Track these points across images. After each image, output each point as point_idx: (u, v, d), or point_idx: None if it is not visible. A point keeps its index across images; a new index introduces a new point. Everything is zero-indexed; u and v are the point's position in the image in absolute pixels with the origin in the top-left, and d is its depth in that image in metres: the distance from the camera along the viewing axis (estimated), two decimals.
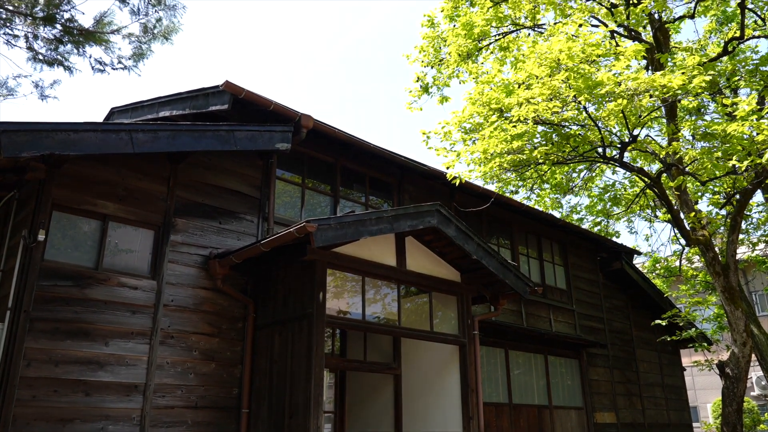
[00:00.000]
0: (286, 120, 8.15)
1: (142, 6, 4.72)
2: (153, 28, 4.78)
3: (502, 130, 8.12)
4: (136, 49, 4.80)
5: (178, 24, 4.91)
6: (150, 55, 5.06)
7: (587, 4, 10.67)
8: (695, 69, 8.07)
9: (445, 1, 11.52)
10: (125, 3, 4.68)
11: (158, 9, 4.75)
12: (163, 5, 4.77)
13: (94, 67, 4.87)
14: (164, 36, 4.86)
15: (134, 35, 4.74)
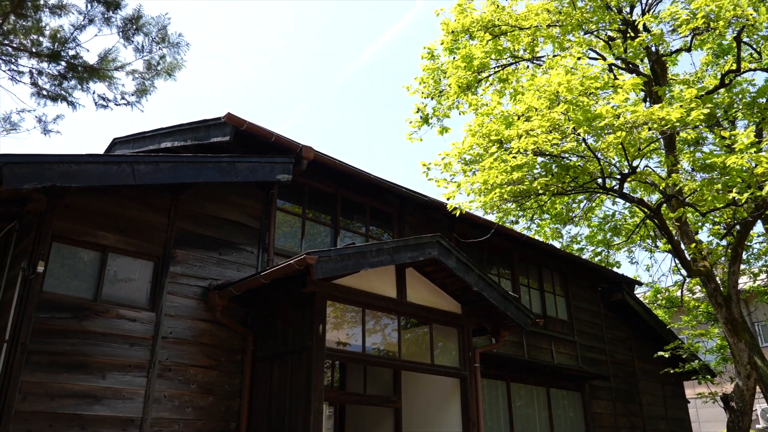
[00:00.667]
0: (287, 151, 8.19)
1: (147, 44, 4.79)
2: (156, 65, 4.85)
3: (502, 161, 8.16)
4: (140, 85, 4.86)
5: (182, 61, 4.98)
6: (153, 91, 5.12)
7: (585, 37, 10.82)
8: (693, 102, 8.14)
9: (445, 33, 11.70)
10: (130, 41, 4.75)
11: (162, 47, 4.82)
12: (167, 43, 4.84)
13: (97, 103, 4.93)
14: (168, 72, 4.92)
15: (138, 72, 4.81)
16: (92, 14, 4.67)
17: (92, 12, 4.66)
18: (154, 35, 4.79)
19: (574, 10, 10.63)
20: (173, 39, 4.83)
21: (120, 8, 4.70)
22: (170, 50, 4.80)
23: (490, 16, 11.41)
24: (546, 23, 11.06)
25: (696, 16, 8.48)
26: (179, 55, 4.87)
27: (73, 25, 4.68)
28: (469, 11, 11.40)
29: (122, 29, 4.65)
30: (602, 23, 10.64)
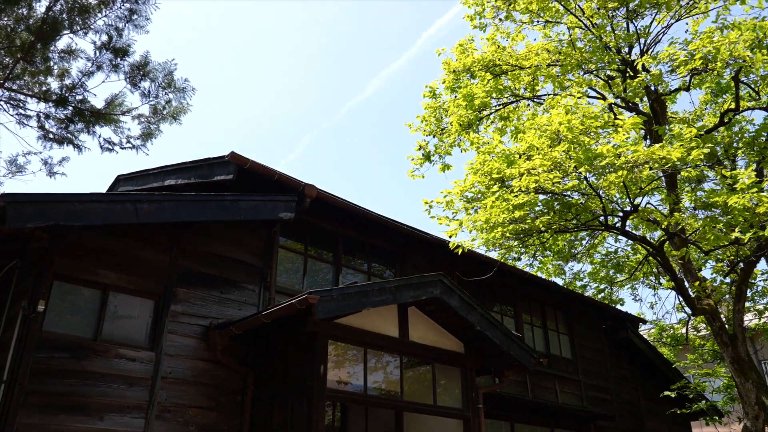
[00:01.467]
0: (290, 189, 8.23)
1: (153, 89, 4.88)
2: (162, 109, 4.92)
3: (504, 199, 8.18)
4: (145, 129, 4.92)
5: (187, 105, 5.05)
6: (158, 135, 5.17)
7: (585, 77, 10.97)
8: (693, 141, 8.19)
9: (447, 72, 11.86)
10: (137, 87, 4.84)
11: (168, 91, 4.90)
12: (173, 88, 4.92)
13: (103, 146, 4.99)
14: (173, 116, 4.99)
15: (144, 116, 4.88)
16: (101, 60, 4.77)
17: (101, 58, 4.76)
18: (161, 80, 4.88)
19: (574, 51, 10.80)
20: (179, 84, 4.93)
21: (128, 55, 4.80)
22: (176, 95, 4.89)
23: (491, 56, 11.59)
24: (546, 63, 11.23)
25: (694, 58, 8.60)
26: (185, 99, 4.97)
27: (82, 71, 4.77)
28: (470, 51, 11.58)
29: (129, 75, 4.74)
30: (601, 63, 10.80)
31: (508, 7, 11.30)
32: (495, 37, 11.69)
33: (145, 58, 4.84)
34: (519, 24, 11.94)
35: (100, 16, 4.72)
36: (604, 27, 11.18)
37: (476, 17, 11.51)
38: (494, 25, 11.66)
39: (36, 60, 4.62)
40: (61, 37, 4.66)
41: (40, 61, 4.69)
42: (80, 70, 4.74)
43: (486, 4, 11.45)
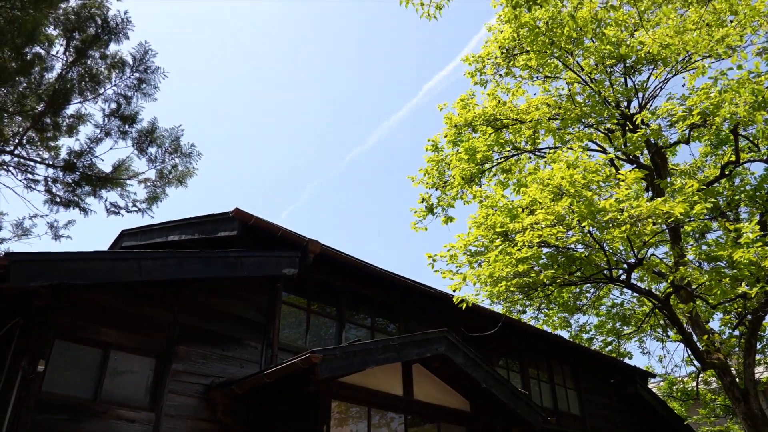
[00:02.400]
0: (293, 245, 8.24)
1: (160, 154, 4.97)
2: (169, 173, 5.01)
3: (507, 253, 8.16)
4: (151, 193, 4.99)
5: (193, 169, 5.13)
6: (164, 198, 5.25)
7: (585, 131, 11.12)
8: (695, 195, 8.23)
9: (449, 127, 12.03)
10: (144, 153, 4.93)
11: (175, 156, 5.00)
12: (180, 153, 5.02)
13: (108, 210, 5.04)
14: (179, 180, 5.07)
15: (150, 180, 4.96)
16: (109, 127, 4.88)
17: (109, 125, 4.87)
18: (168, 146, 4.98)
19: (573, 105, 10.99)
20: (186, 149, 5.03)
21: (136, 122, 4.92)
22: (182, 160, 4.98)
23: (492, 110, 11.79)
24: (546, 116, 11.40)
25: (692, 113, 8.72)
26: (191, 164, 5.05)
27: (90, 138, 4.88)
28: (471, 106, 11.78)
29: (137, 141, 4.85)
30: (601, 117, 10.96)
31: (507, 64, 11.55)
32: (495, 93, 11.91)
33: (152, 125, 4.95)
34: (519, 79, 12.19)
35: (109, 85, 4.86)
36: (602, 82, 11.40)
37: (477, 74, 11.77)
38: (494, 81, 11.90)
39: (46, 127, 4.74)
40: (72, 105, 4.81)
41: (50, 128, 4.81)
42: (89, 137, 4.85)
43: (486, 61, 11.72)
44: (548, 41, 10.56)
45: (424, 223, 12.18)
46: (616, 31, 10.55)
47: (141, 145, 4.84)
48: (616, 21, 10.13)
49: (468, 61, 11.80)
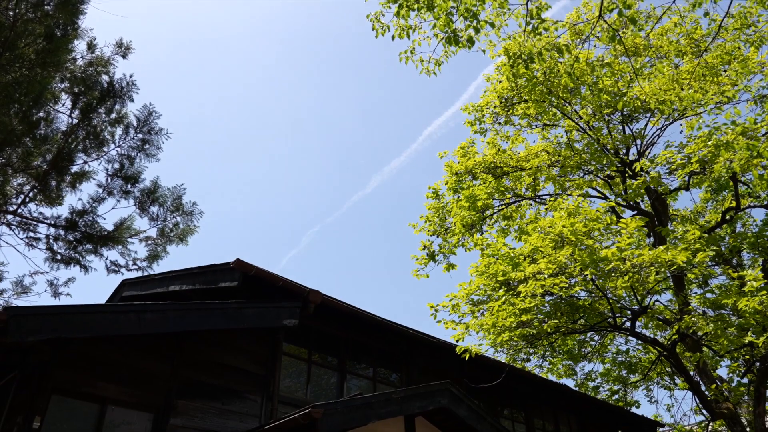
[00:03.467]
0: (294, 295, 8.18)
1: (161, 213, 5.01)
2: (170, 231, 5.03)
3: (511, 304, 8.10)
4: (152, 251, 5.01)
5: (195, 227, 5.17)
6: (165, 257, 5.26)
7: (584, 178, 11.19)
8: (697, 242, 8.21)
9: (449, 174, 12.13)
10: (145, 211, 4.98)
11: (176, 215, 5.03)
12: (181, 212, 5.06)
13: (109, 268, 5.06)
14: (180, 238, 5.09)
15: (151, 238, 4.99)
16: (112, 186, 4.94)
17: (112, 185, 4.94)
18: (169, 204, 5.03)
19: (573, 153, 11.09)
20: (187, 208, 5.07)
21: (138, 182, 4.98)
22: (184, 218, 5.01)
23: (492, 158, 11.91)
24: (546, 163, 11.50)
25: (691, 161, 8.78)
26: (192, 222, 5.08)
27: (93, 197, 4.94)
28: (471, 154, 11.90)
29: (139, 201, 4.90)
30: (600, 165, 11.05)
31: (506, 113, 11.72)
32: (495, 141, 12.06)
33: (155, 184, 5.01)
34: (518, 127, 12.36)
35: (113, 146, 4.94)
36: (600, 129, 11.54)
37: (476, 123, 11.92)
38: (494, 130, 12.05)
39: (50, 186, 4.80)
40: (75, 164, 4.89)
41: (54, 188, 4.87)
42: (91, 197, 4.90)
43: (485, 110, 11.90)
44: (546, 90, 10.74)
45: (426, 270, 12.14)
46: (612, 81, 10.74)
47: (143, 204, 4.89)
48: (611, 71, 10.32)
49: (467, 110, 11.98)
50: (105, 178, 4.90)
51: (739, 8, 8.44)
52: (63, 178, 4.86)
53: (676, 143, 10.24)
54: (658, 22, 9.61)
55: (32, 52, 4.50)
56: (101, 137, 4.81)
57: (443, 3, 4.94)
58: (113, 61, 5.48)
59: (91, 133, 4.70)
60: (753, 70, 9.11)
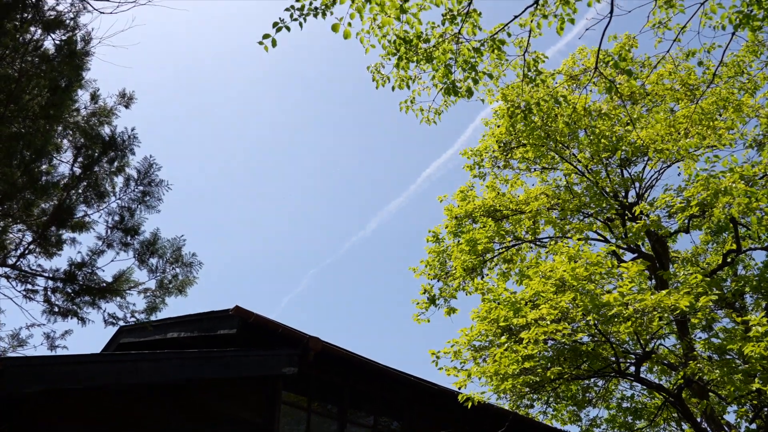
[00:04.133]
0: (294, 342, 8.07)
1: (161, 265, 5.03)
2: (169, 283, 5.03)
3: (513, 351, 7.99)
4: (150, 303, 4.99)
5: (194, 278, 5.17)
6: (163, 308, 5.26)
7: (585, 221, 11.22)
8: (700, 286, 8.16)
9: (449, 218, 12.15)
10: (144, 263, 4.99)
11: (176, 266, 5.05)
12: (181, 263, 5.07)
13: (107, 321, 5.03)
14: (179, 289, 5.09)
15: (150, 290, 4.98)
16: (111, 239, 4.96)
17: (111, 237, 4.96)
18: (169, 256, 5.05)
19: (572, 196, 11.14)
20: (187, 259, 5.08)
21: (138, 234, 5.00)
22: (183, 269, 5.02)
23: (492, 201, 11.95)
24: (546, 207, 11.54)
25: (690, 204, 8.80)
26: (192, 273, 5.09)
27: (92, 250, 4.96)
28: (470, 198, 11.94)
29: (139, 253, 4.92)
30: (599, 207, 11.08)
31: (505, 157, 11.82)
32: (494, 184, 12.12)
33: (154, 235, 5.04)
34: (517, 171, 12.45)
35: (114, 198, 4.98)
36: (599, 173, 11.62)
37: (475, 167, 12.01)
38: (493, 174, 12.13)
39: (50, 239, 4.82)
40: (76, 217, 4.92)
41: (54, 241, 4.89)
42: (91, 249, 4.92)
43: (484, 154, 12.00)
44: (544, 135, 10.86)
45: (427, 315, 12.03)
46: (609, 125, 10.88)
47: (143, 256, 4.91)
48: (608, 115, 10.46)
49: (466, 154, 12.08)
50: (105, 230, 4.94)
51: (732, 57, 8.63)
52: (63, 231, 4.88)
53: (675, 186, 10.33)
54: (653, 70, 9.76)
55: (36, 104, 4.56)
56: (102, 190, 4.85)
57: (442, 55, 5.06)
58: (116, 111, 5.58)
59: (92, 186, 4.73)
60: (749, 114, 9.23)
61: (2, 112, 4.95)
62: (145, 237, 5.14)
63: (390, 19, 4.85)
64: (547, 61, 6.14)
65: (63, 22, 4.91)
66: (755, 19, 4.51)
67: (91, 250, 4.96)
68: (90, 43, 5.49)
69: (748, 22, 4.54)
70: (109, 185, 4.93)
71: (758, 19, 4.50)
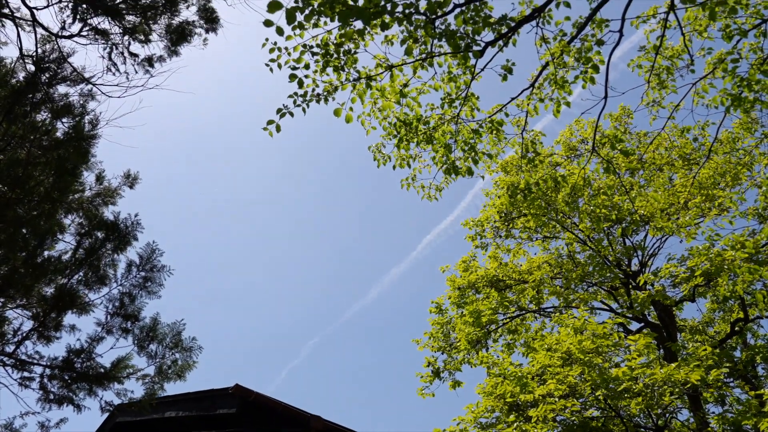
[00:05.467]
0: (295, 421, 7.86)
1: (160, 350, 4.96)
2: (168, 369, 4.96)
3: (522, 430, 7.75)
4: (149, 390, 4.89)
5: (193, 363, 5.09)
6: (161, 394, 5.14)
7: (589, 290, 11.12)
8: (710, 358, 8.00)
9: (452, 289, 12.05)
10: (144, 349, 4.93)
11: (175, 351, 4.99)
12: (180, 348, 5.01)
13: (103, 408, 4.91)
14: (178, 374, 5.00)
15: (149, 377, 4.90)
16: (111, 325, 4.92)
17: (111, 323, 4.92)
18: (168, 341, 4.99)
19: (575, 266, 11.10)
20: (186, 344, 5.01)
21: (138, 320, 4.96)
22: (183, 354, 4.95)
23: (494, 271, 11.89)
24: (549, 276, 11.47)
25: (694, 274, 8.75)
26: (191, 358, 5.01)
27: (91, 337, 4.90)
28: (473, 268, 11.90)
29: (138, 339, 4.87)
30: (603, 277, 11.02)
31: (507, 227, 11.85)
32: (497, 254, 12.10)
33: (154, 321, 4.99)
34: (519, 240, 12.45)
35: (115, 285, 4.98)
36: (600, 241, 11.62)
37: (477, 237, 12.02)
38: (494, 244, 12.13)
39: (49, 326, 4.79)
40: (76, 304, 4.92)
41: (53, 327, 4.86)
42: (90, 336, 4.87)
43: (486, 224, 12.03)
44: (544, 205, 10.94)
45: (431, 388, 11.71)
46: (609, 194, 10.97)
47: (142, 342, 4.85)
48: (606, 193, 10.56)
49: (468, 225, 12.12)
50: (105, 315, 4.90)
51: (727, 131, 8.78)
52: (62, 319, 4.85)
53: (677, 256, 10.28)
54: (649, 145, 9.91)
55: (42, 189, 4.63)
56: (103, 276, 4.85)
57: (441, 137, 5.17)
58: (120, 191, 5.65)
59: (94, 272, 4.74)
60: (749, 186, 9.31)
61: (9, 196, 5.01)
62: (145, 322, 5.10)
63: (390, 103, 5.00)
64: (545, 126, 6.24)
65: (72, 108, 5.05)
66: (746, 101, 4.64)
67: (90, 336, 4.90)
68: (97, 126, 5.62)
69: (739, 104, 4.66)
70: (111, 270, 4.94)
71: (749, 100, 4.63)
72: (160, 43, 5.53)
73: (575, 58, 4.77)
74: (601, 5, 4.35)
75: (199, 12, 5.49)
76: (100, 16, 5.40)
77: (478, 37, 4.30)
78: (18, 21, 6.27)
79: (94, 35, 5.38)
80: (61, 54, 5.50)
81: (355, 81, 4.75)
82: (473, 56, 4.47)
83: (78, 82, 5.22)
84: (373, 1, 3.66)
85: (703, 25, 5.05)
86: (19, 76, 5.69)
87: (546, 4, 4.32)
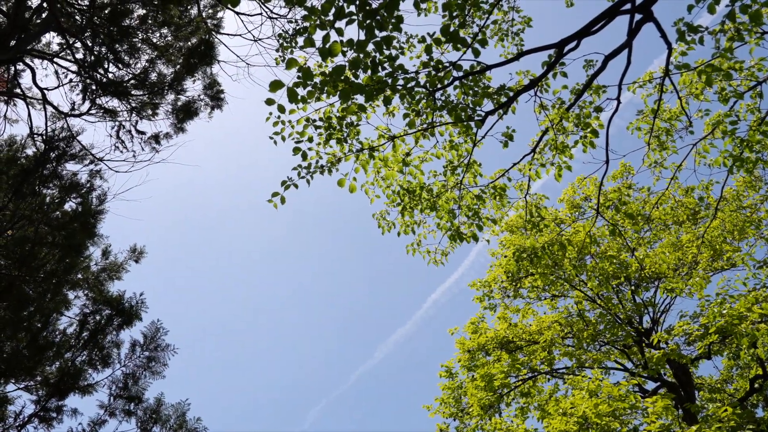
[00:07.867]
0: None
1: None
2: None
3: None
4: None
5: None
6: None
7: (601, 350, 10.89)
8: (732, 420, 7.74)
9: (462, 352, 11.81)
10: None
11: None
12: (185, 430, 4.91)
13: None
14: None
15: None
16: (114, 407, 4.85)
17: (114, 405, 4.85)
18: (173, 422, 4.89)
19: (585, 325, 10.91)
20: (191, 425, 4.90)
21: (142, 401, 4.89)
22: None
23: (504, 332, 11.69)
24: (560, 336, 11.25)
25: (709, 331, 8.58)
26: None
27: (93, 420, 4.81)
28: (482, 330, 11.72)
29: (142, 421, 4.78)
30: (615, 336, 10.82)
31: (514, 287, 11.74)
32: (506, 315, 11.93)
33: (158, 401, 4.91)
34: (527, 300, 12.30)
35: (119, 366, 4.93)
36: (610, 299, 11.46)
37: (485, 298, 11.90)
38: (503, 305, 11.99)
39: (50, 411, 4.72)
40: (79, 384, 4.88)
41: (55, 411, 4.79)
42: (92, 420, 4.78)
43: (493, 285, 11.92)
44: (552, 263, 10.85)
45: None
46: (616, 249, 10.90)
47: (146, 425, 4.74)
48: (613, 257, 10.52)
49: (475, 286, 12.02)
50: (108, 397, 4.82)
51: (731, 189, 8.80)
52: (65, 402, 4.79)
53: (690, 312, 10.13)
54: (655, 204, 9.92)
55: (49, 267, 4.66)
56: (107, 356, 4.81)
57: (445, 204, 5.20)
58: (126, 266, 5.66)
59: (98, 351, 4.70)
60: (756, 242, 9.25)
61: (15, 273, 5.01)
62: (149, 403, 4.99)
63: (393, 173, 5.05)
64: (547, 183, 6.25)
65: (79, 186, 5.13)
66: (748, 161, 4.67)
67: (92, 420, 4.79)
68: (105, 201, 5.69)
69: (741, 164, 4.69)
70: (115, 350, 4.89)
71: (751, 160, 4.66)
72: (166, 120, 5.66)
73: (574, 123, 4.84)
74: (598, 74, 4.46)
75: (205, 89, 5.64)
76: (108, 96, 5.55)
77: (479, 108, 4.38)
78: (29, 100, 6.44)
79: (103, 114, 5.52)
80: (70, 132, 5.63)
81: (357, 152, 4.82)
82: (474, 125, 4.55)
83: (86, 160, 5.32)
84: (375, 77, 3.76)
85: (699, 88, 5.15)
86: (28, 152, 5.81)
87: (543, 74, 4.43)
